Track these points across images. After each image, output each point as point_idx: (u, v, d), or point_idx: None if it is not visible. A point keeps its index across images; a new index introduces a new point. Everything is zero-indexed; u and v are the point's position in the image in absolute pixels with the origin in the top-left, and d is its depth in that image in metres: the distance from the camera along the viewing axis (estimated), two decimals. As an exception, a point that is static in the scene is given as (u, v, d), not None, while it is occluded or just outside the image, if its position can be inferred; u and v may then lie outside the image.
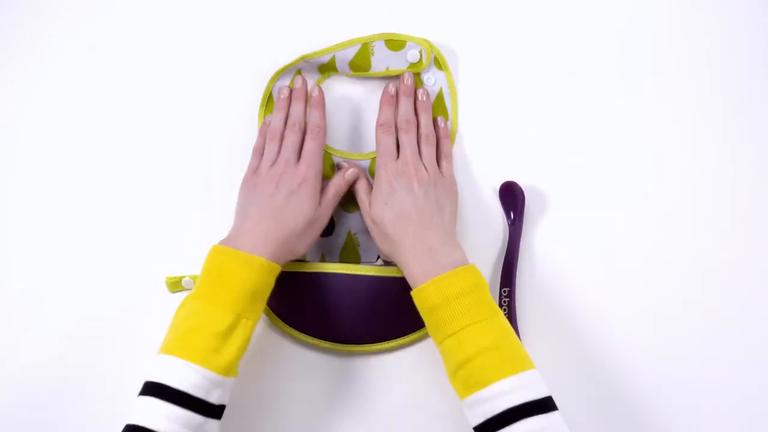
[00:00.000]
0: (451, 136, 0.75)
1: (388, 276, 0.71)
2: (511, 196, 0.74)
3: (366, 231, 0.73)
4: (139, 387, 0.60)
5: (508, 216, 0.74)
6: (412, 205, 0.66)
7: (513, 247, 0.72)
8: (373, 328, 0.71)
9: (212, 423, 0.59)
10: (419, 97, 0.73)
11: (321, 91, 0.72)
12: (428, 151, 0.70)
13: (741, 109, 0.76)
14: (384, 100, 0.72)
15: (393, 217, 0.66)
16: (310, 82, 0.75)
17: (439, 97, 0.75)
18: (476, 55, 0.77)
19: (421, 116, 0.72)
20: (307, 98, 0.72)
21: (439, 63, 0.75)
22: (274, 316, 0.72)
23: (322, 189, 0.69)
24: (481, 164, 0.75)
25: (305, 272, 0.71)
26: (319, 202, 0.68)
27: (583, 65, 0.77)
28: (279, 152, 0.69)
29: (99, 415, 0.72)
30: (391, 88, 0.72)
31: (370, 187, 0.70)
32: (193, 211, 0.75)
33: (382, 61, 0.75)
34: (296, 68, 0.75)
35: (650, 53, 0.77)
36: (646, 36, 0.77)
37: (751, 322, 0.73)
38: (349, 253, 0.74)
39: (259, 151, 0.71)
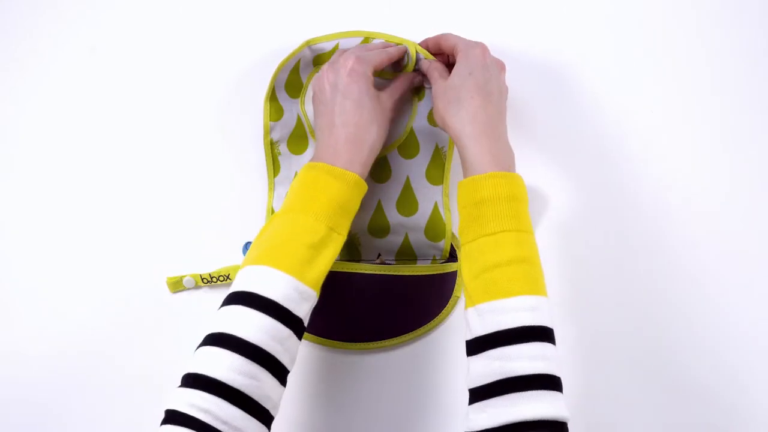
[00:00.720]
0: (450, 143, 0.74)
1: (391, 274, 0.71)
2: (511, 196, 0.74)
3: (367, 232, 0.73)
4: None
5: (507, 216, 0.74)
6: (497, 87, 0.65)
7: (512, 247, 0.72)
8: (375, 326, 0.71)
9: (294, 340, 0.58)
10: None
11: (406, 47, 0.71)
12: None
13: (742, 108, 0.76)
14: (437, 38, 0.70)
15: (475, 85, 0.63)
16: (304, 75, 0.75)
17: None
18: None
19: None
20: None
21: None
22: None
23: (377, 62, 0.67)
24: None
25: None
26: (373, 84, 0.66)
27: (583, 65, 0.76)
28: None
29: (101, 414, 0.72)
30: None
31: (446, 70, 0.68)
32: (195, 210, 0.75)
33: None
34: (298, 57, 0.75)
35: (650, 53, 0.77)
36: (646, 36, 0.77)
37: (753, 322, 0.73)
38: (351, 253, 0.74)
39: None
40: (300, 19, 0.77)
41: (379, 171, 0.74)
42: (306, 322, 0.59)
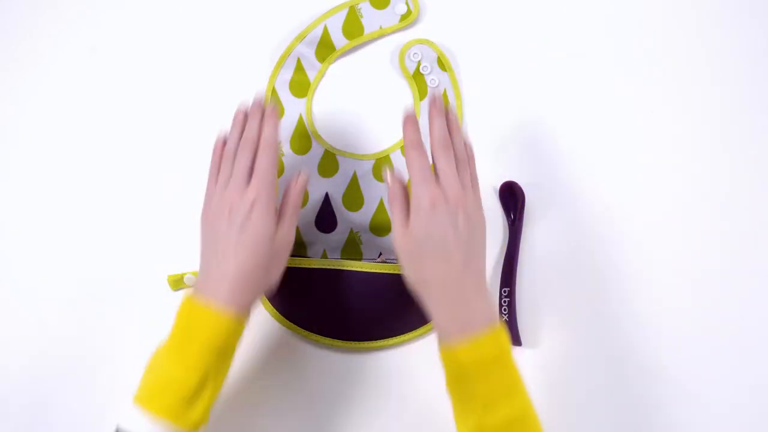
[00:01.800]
0: None
1: (392, 273, 0.71)
2: (511, 196, 0.74)
3: (368, 230, 0.73)
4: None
5: (508, 216, 0.74)
6: (454, 242, 0.59)
7: (513, 247, 0.72)
8: (376, 325, 0.71)
9: None
10: (450, 116, 0.65)
11: (275, 106, 0.65)
12: (466, 177, 0.63)
13: (742, 108, 0.76)
14: (407, 121, 0.63)
15: (434, 250, 0.59)
16: (312, 73, 0.76)
17: (444, 98, 0.75)
18: (476, 55, 0.77)
19: (455, 138, 0.64)
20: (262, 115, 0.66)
21: (442, 64, 0.75)
22: (275, 311, 0.72)
23: (281, 206, 0.64)
24: (481, 164, 0.75)
25: (307, 268, 0.71)
26: (281, 222, 0.62)
27: (583, 65, 0.76)
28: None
29: (99, 412, 0.72)
30: (410, 108, 0.64)
31: (407, 204, 0.61)
32: (195, 208, 0.75)
33: (373, 21, 0.76)
34: (295, 57, 0.75)
35: (651, 53, 0.77)
36: (646, 36, 0.77)
37: (754, 321, 0.73)
38: (352, 251, 0.74)
39: (214, 176, 0.64)
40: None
41: (381, 170, 0.74)
42: None
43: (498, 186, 0.74)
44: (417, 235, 0.59)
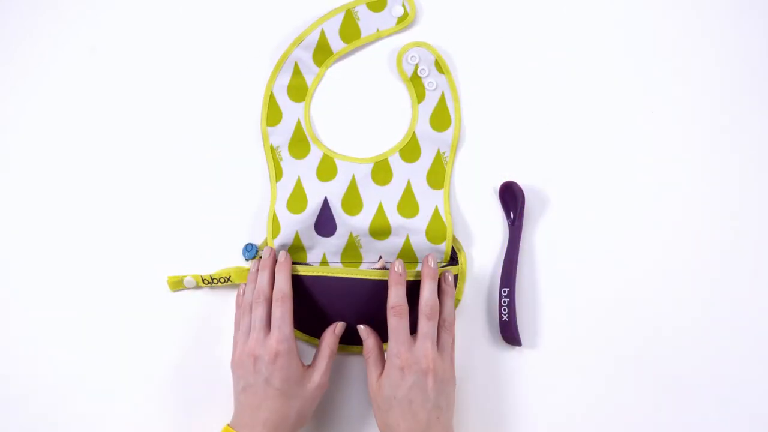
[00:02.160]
0: (454, 140, 0.75)
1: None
2: (511, 196, 0.74)
3: (368, 234, 0.73)
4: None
5: (508, 216, 0.74)
6: (421, 403, 0.63)
7: (513, 247, 0.72)
8: (378, 330, 0.71)
9: None
10: (444, 282, 0.69)
11: (287, 256, 0.70)
12: (447, 340, 0.67)
13: (743, 108, 0.76)
14: (393, 280, 0.67)
15: (400, 408, 0.63)
16: (310, 78, 0.76)
17: (441, 102, 0.75)
18: (476, 55, 0.77)
19: (446, 302, 0.69)
20: (274, 266, 0.70)
21: (439, 66, 0.75)
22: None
23: (317, 350, 0.69)
24: (481, 164, 0.75)
25: (308, 275, 0.71)
26: (314, 365, 0.67)
27: (582, 65, 0.77)
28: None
29: (99, 413, 0.72)
30: (398, 266, 0.67)
31: (382, 359, 0.67)
32: (195, 210, 0.75)
33: (370, 24, 0.76)
34: (293, 61, 0.75)
35: (651, 53, 0.77)
36: (646, 36, 0.77)
37: (755, 321, 0.73)
38: (352, 254, 0.74)
39: (238, 325, 0.70)
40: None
41: (380, 174, 0.74)
42: None
43: (498, 186, 0.74)
44: (385, 393, 0.64)
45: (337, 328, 0.70)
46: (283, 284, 0.68)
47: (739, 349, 0.72)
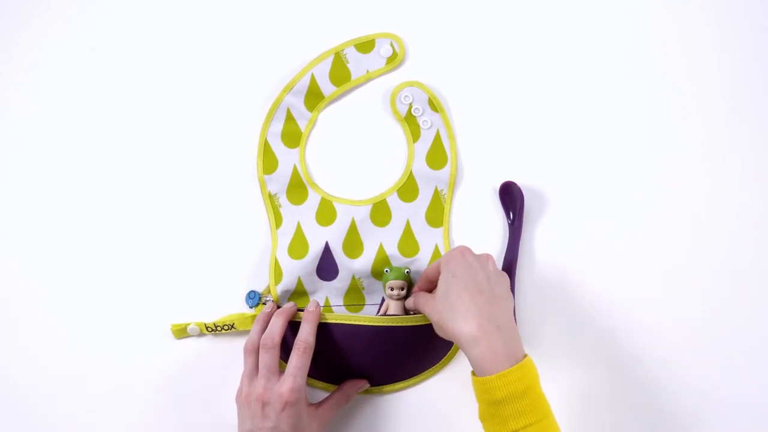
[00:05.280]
0: (452, 178, 0.74)
1: (393, 326, 0.69)
2: (511, 197, 0.74)
3: (370, 275, 0.73)
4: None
5: (507, 216, 0.74)
6: (485, 277, 0.63)
7: (513, 247, 0.72)
8: (380, 374, 0.71)
9: None
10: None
11: (318, 307, 0.70)
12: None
13: (743, 108, 0.76)
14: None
15: (463, 284, 0.62)
16: (303, 123, 0.75)
17: (437, 140, 0.75)
18: (475, 55, 0.77)
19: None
20: (290, 318, 0.70)
21: (433, 104, 0.75)
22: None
23: (333, 395, 0.69)
24: (480, 165, 0.75)
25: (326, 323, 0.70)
26: (324, 406, 0.68)
27: (582, 66, 0.77)
28: (257, 366, 0.67)
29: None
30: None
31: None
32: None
33: (360, 65, 0.76)
34: (285, 107, 0.75)
35: (649, 55, 0.77)
36: (645, 37, 0.77)
37: (755, 321, 0.73)
38: (354, 297, 0.73)
39: (245, 360, 0.69)
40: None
41: (379, 215, 0.74)
42: None
43: (498, 186, 0.74)
44: (445, 280, 0.63)
45: (361, 382, 0.71)
46: (309, 335, 0.67)
47: (739, 349, 0.72)
